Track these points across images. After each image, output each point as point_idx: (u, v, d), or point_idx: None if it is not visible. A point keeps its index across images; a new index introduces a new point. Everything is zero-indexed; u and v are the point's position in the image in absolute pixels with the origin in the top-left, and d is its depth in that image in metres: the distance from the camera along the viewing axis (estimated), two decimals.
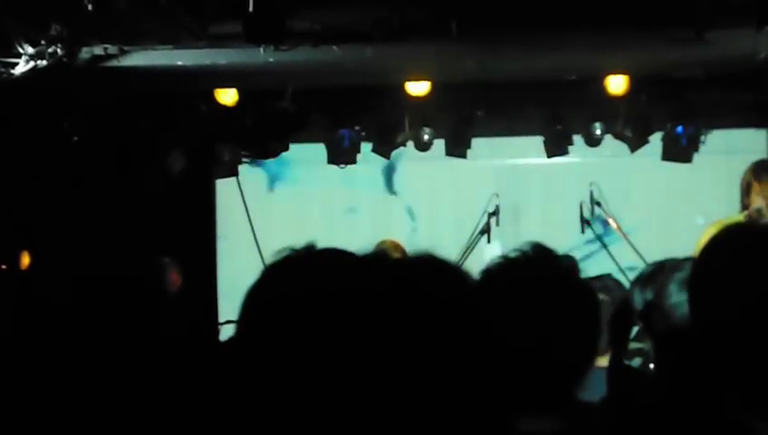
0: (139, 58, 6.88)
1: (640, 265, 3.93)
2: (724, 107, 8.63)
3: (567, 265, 2.23)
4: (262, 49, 6.47)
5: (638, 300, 3.04)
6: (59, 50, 6.42)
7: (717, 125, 8.86)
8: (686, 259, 3.13)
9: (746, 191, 5.17)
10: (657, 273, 3.07)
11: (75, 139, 8.29)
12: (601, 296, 3.40)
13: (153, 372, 1.81)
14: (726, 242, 1.85)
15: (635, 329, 3.48)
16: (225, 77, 7.80)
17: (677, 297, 2.42)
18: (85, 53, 6.71)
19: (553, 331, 1.96)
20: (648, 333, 2.85)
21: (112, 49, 6.73)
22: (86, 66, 6.81)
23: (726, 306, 1.74)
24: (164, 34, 6.58)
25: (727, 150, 8.69)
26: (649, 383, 2.33)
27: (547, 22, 6.36)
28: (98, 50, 6.72)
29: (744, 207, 5.22)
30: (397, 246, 6.92)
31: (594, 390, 2.83)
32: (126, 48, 6.74)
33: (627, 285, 3.39)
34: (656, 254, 3.44)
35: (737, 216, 5.24)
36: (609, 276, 5.17)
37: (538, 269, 2.05)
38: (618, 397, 2.31)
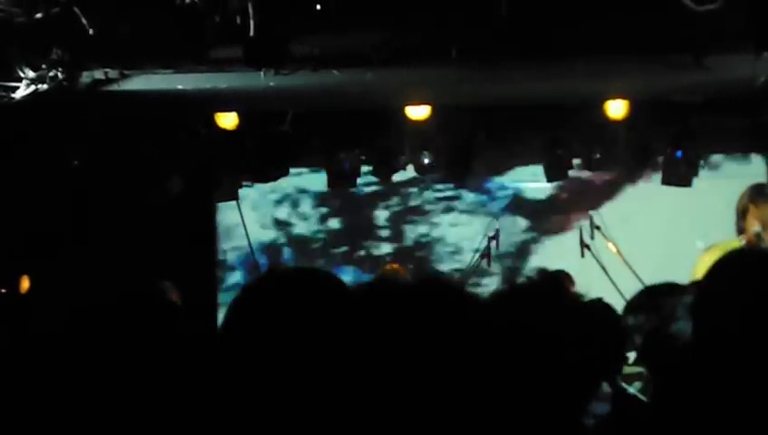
0: (140, 82, 6.90)
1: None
2: (724, 132, 8.64)
3: (572, 291, 2.23)
4: (262, 73, 6.49)
5: (631, 324, 3.04)
6: (60, 74, 6.44)
7: (716, 149, 8.87)
8: (682, 285, 3.14)
9: (742, 215, 5.18)
10: (650, 298, 3.08)
11: (76, 162, 8.30)
12: None
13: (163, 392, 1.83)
14: (729, 268, 1.85)
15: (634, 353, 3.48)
16: (226, 101, 7.82)
17: (684, 323, 2.42)
18: (86, 77, 6.73)
19: (558, 356, 1.96)
20: (645, 358, 2.85)
21: (113, 73, 6.75)
22: (87, 90, 6.83)
23: (730, 330, 1.74)
24: (165, 59, 6.60)
25: (726, 175, 8.70)
26: (646, 409, 2.32)
27: (546, 47, 6.38)
28: (98, 74, 6.74)
29: (741, 231, 5.22)
30: (400, 271, 6.92)
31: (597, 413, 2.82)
32: (126, 72, 6.76)
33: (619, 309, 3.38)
34: (655, 278, 3.44)
35: (734, 240, 5.23)
36: (598, 300, 5.18)
37: (544, 296, 2.05)
38: (613, 421, 2.30)
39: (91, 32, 5.84)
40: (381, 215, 9.76)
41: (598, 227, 8.14)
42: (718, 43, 6.31)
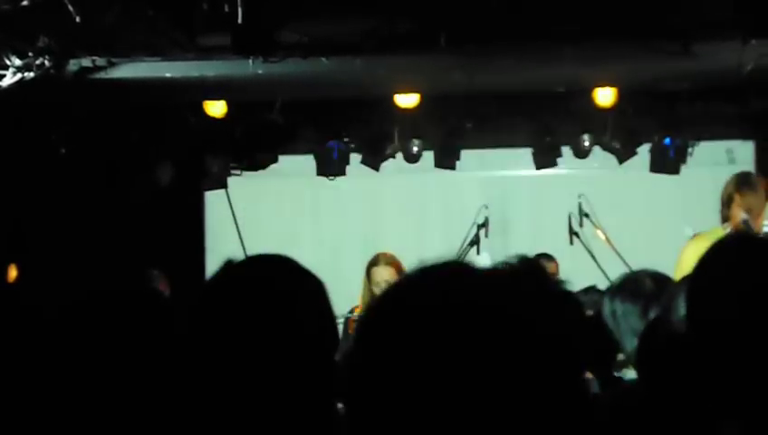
0: (128, 70, 6.87)
1: None
2: (711, 119, 8.67)
3: (554, 278, 2.22)
4: (251, 61, 6.47)
5: (608, 310, 3.06)
6: (47, 62, 6.41)
7: (704, 137, 8.90)
8: (660, 273, 3.15)
9: (727, 203, 5.20)
10: (628, 284, 3.09)
11: (63, 151, 8.27)
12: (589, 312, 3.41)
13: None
14: (724, 254, 1.84)
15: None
16: (214, 89, 7.80)
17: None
18: (73, 65, 6.69)
19: (531, 345, 1.95)
20: (643, 348, 2.85)
21: (100, 61, 6.72)
22: (74, 78, 6.80)
23: (725, 316, 1.73)
24: (152, 46, 6.58)
25: (714, 162, 8.72)
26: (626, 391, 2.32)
27: (535, 34, 6.38)
28: (86, 62, 6.70)
29: (725, 219, 5.24)
30: (391, 260, 6.91)
31: None
32: (114, 60, 6.73)
33: None
34: (644, 265, 3.45)
35: (719, 228, 5.25)
36: (594, 289, 5.20)
37: (524, 281, 2.03)
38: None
39: (78, 19, 5.81)
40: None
41: (586, 215, 8.15)
42: (706, 30, 6.32)
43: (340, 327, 6.52)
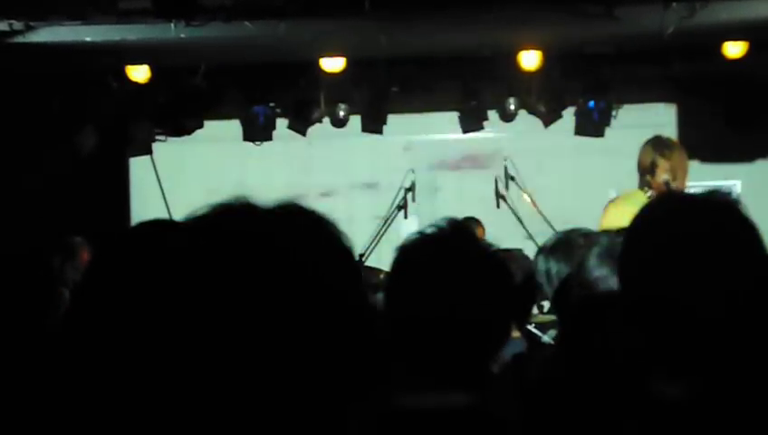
0: (46, 34, 6.72)
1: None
2: (635, 82, 8.76)
3: (483, 241, 2.24)
4: (173, 25, 6.37)
5: (542, 269, 3.09)
6: None
7: (628, 100, 9.00)
8: (592, 232, 3.19)
9: (650, 170, 5.21)
10: (562, 243, 3.12)
11: None
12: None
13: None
14: (657, 214, 1.84)
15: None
16: (136, 53, 7.67)
17: (599, 271, 2.46)
18: None
19: (468, 305, 1.96)
20: (558, 305, 2.89)
21: (18, 25, 6.56)
22: None
23: (659, 278, 1.74)
24: (72, 10, 6.44)
25: (638, 125, 8.83)
26: (552, 355, 2.35)
27: None
28: (2, 25, 6.55)
29: (646, 184, 5.26)
30: None
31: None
32: (32, 24, 6.58)
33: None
34: (568, 227, 3.48)
35: (639, 192, 5.29)
36: (518, 251, 5.25)
37: (454, 245, 2.04)
38: (515, 367, 2.33)
39: None
40: None
41: (512, 178, 8.21)
42: None
43: None
